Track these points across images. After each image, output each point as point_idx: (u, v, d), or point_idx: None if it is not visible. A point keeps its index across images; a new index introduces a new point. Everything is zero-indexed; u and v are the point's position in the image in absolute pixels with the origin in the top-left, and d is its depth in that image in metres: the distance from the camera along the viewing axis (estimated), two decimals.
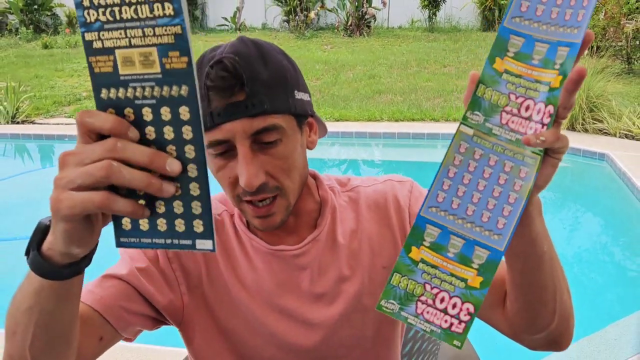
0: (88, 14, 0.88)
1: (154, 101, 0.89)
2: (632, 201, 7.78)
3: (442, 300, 1.07)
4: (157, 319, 1.55)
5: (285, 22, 25.63)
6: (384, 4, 24.82)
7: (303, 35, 23.33)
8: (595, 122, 10.54)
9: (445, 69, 17.24)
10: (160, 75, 0.88)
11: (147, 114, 0.90)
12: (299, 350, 1.60)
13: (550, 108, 1.00)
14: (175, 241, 0.95)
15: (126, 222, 0.96)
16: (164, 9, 0.85)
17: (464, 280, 1.06)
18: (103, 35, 0.88)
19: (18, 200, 8.98)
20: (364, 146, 11.67)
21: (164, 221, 0.94)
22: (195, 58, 0.89)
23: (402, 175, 1.76)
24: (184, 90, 0.88)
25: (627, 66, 15.19)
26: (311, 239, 1.58)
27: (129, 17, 0.87)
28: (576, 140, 10.01)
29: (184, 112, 0.89)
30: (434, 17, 24.51)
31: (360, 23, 23.41)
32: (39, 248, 1.03)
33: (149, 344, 4.42)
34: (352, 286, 1.60)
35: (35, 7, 27.04)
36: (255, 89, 1.31)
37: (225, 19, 26.34)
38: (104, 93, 0.90)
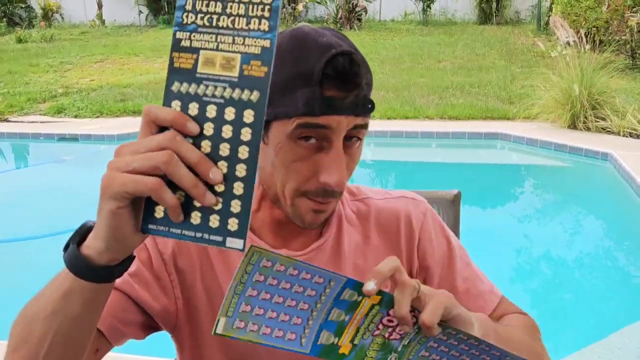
0: (187, 16, 0.98)
1: (222, 100, 0.96)
2: (637, 203, 7.79)
3: None
4: (150, 326, 1.55)
5: None
6: None
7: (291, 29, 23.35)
8: (597, 120, 10.55)
9: (440, 64, 17.29)
10: (236, 79, 0.96)
11: (211, 111, 0.97)
12: None
13: None
14: (206, 236, 0.98)
15: (159, 210, 1.00)
16: (259, 24, 0.96)
17: None
18: (194, 36, 0.98)
19: None
20: None
21: (199, 215, 0.98)
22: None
23: (415, 193, 1.76)
24: (255, 95, 0.96)
25: (631, 61, 15.24)
26: (315, 247, 1.59)
27: (224, 26, 0.97)
28: (578, 139, 10.07)
29: (248, 115, 0.96)
30: (428, 9, 24.55)
31: (350, 16, 23.43)
32: (79, 245, 1.08)
33: (136, 354, 4.40)
34: None
35: None
36: (367, 91, 1.36)
37: None
38: (175, 86, 0.98)
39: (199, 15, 0.97)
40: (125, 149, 1.00)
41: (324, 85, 1.30)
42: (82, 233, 1.10)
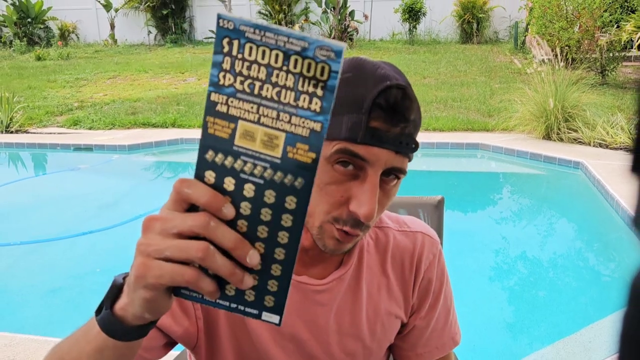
0: (224, 77, 0.79)
1: (261, 181, 0.82)
2: (606, 208, 7.80)
3: None
4: (171, 344, 1.49)
5: None
6: (366, 17, 24.93)
7: None
8: (570, 131, 10.58)
9: (425, 80, 17.27)
10: (278, 160, 0.80)
11: (249, 190, 0.83)
12: None
13: None
14: (241, 307, 0.89)
15: None
16: (310, 102, 0.78)
17: None
18: (232, 102, 0.80)
19: (12, 208, 8.93)
20: None
21: (234, 288, 0.87)
22: None
23: (429, 228, 1.71)
24: (299, 182, 0.81)
25: (601, 78, 15.25)
26: (336, 277, 1.53)
27: (268, 96, 0.79)
28: (551, 149, 10.09)
29: (291, 202, 0.82)
30: (414, 30, 24.62)
31: (343, 36, 23.46)
32: (112, 307, 0.99)
33: None
34: (365, 330, 1.57)
35: (29, 20, 27.04)
36: (412, 128, 1.27)
37: (213, 31, 26.32)
38: (209, 155, 0.82)
39: (239, 79, 0.79)
40: (155, 225, 0.86)
41: (371, 114, 1.21)
42: (114, 294, 1.00)
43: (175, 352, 1.82)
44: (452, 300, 1.73)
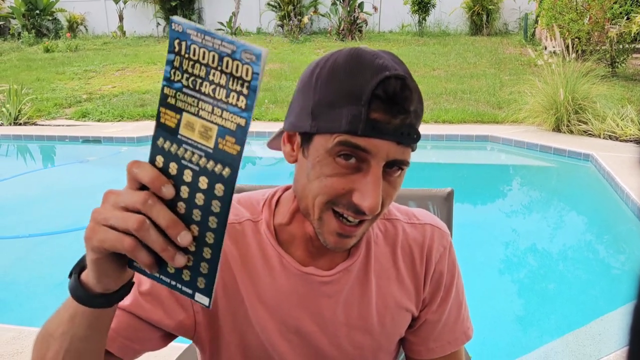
0: (174, 73, 0.93)
1: (197, 168, 0.94)
2: (616, 200, 7.78)
3: None
4: (169, 335, 1.48)
5: (280, 27, 25.68)
6: (375, 9, 24.91)
7: (297, 40, 23.35)
8: (580, 123, 10.55)
9: (435, 72, 17.25)
10: (211, 150, 0.92)
11: (187, 176, 0.95)
12: None
13: None
14: (179, 285, 1.00)
15: None
16: (237, 100, 0.89)
17: None
18: (179, 95, 0.93)
19: (20, 200, 8.97)
20: None
21: (174, 267, 0.99)
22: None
23: (439, 220, 1.68)
24: (226, 171, 0.92)
25: (611, 69, 15.19)
26: (343, 268, 1.51)
27: (206, 92, 0.91)
28: (561, 141, 10.07)
29: (219, 189, 0.93)
30: (423, 21, 24.57)
31: (352, 27, 23.45)
32: (80, 273, 1.12)
33: None
34: (374, 323, 1.55)
35: (37, 12, 27.07)
36: (413, 119, 1.26)
37: (222, 23, 26.33)
38: (160, 141, 0.96)
39: (185, 76, 0.93)
40: (110, 198, 1.00)
41: (371, 106, 1.20)
42: (83, 264, 1.12)
43: (183, 344, 1.81)
44: (463, 294, 1.71)
